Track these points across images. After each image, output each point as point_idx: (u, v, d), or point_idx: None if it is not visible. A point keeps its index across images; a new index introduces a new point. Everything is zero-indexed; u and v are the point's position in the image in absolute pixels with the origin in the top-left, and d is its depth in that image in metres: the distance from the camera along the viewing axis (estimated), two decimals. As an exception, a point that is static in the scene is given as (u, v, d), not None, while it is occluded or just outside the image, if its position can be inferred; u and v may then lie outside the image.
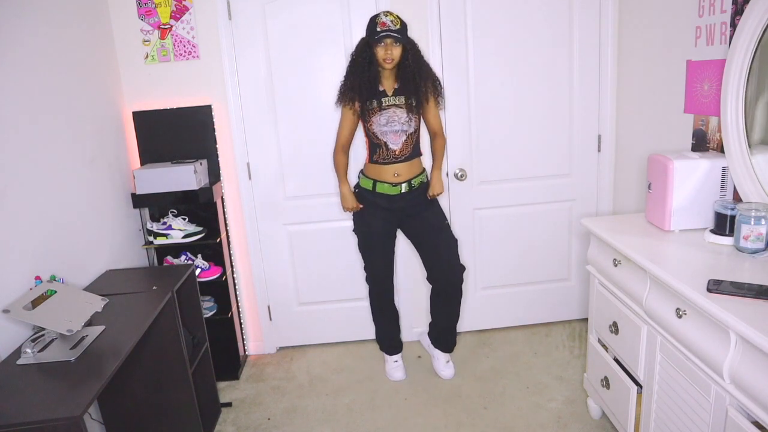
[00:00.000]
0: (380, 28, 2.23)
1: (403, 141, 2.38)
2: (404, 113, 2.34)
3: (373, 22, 2.26)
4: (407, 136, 2.38)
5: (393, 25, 2.22)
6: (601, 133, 2.83)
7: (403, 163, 2.40)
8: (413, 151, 2.42)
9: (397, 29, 2.23)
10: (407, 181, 2.42)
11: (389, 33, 2.21)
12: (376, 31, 2.23)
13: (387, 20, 2.24)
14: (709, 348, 1.38)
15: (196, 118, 2.68)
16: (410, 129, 2.37)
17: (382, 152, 2.38)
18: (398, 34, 2.23)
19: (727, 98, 1.81)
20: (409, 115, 2.36)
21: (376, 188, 2.43)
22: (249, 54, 2.68)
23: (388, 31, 2.21)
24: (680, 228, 1.86)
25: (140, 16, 2.59)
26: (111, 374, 1.43)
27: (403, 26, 2.27)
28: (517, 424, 2.29)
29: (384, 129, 2.35)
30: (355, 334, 3.07)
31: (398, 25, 2.24)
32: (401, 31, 2.24)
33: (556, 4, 2.66)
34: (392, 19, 2.24)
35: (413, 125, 2.38)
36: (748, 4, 1.70)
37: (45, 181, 1.94)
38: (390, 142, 2.37)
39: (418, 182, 2.46)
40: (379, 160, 2.40)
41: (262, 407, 2.55)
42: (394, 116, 2.34)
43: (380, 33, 2.22)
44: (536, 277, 3.03)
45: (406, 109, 2.34)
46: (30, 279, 1.76)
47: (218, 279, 2.70)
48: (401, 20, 2.27)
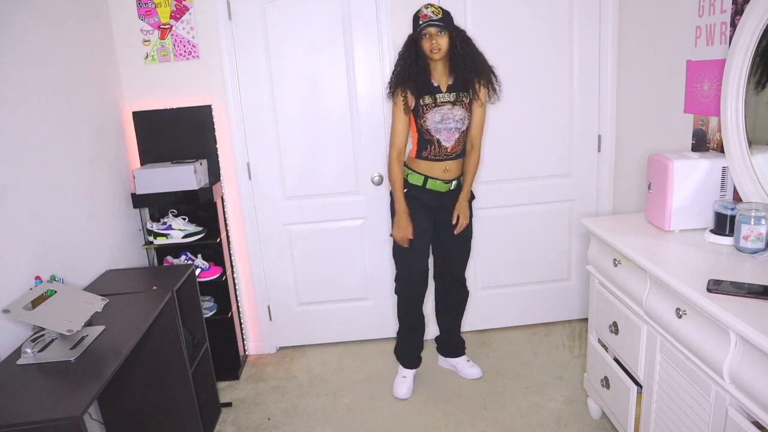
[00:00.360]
0: (422, 21, 2.19)
1: (456, 138, 2.32)
2: (459, 110, 2.29)
3: (416, 17, 2.23)
4: (461, 133, 2.33)
5: (434, 15, 2.18)
6: (601, 133, 2.83)
7: (454, 160, 2.35)
8: (464, 148, 2.39)
9: (438, 18, 2.18)
10: (456, 178, 2.39)
11: (430, 22, 2.17)
12: (419, 25, 2.20)
13: (428, 12, 2.20)
14: (709, 348, 1.38)
15: (196, 118, 2.68)
16: (464, 126, 2.32)
17: (434, 149, 2.32)
18: (440, 22, 2.17)
19: (727, 98, 1.81)
20: (464, 113, 2.31)
21: (427, 184, 2.36)
22: (249, 54, 2.68)
23: (429, 21, 2.17)
24: (680, 228, 1.86)
25: (140, 16, 2.59)
26: (111, 374, 1.43)
27: (446, 15, 2.22)
28: (517, 424, 2.29)
29: (439, 126, 2.29)
30: (355, 334, 3.07)
31: (440, 14, 2.19)
32: (443, 20, 2.19)
33: (555, 4, 2.66)
34: (433, 10, 2.20)
35: (467, 122, 2.33)
36: (748, 4, 1.70)
37: (45, 181, 1.94)
38: (443, 139, 2.31)
39: (461, 181, 2.44)
40: (429, 157, 2.33)
41: (262, 407, 2.55)
42: (449, 114, 2.28)
43: (422, 24, 2.18)
44: (536, 277, 3.03)
45: (461, 107, 2.29)
46: (30, 279, 1.76)
47: (218, 279, 2.70)
48: (443, 10, 2.22)
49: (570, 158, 2.87)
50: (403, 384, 2.57)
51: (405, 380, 2.58)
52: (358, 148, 2.80)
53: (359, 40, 2.68)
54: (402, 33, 2.63)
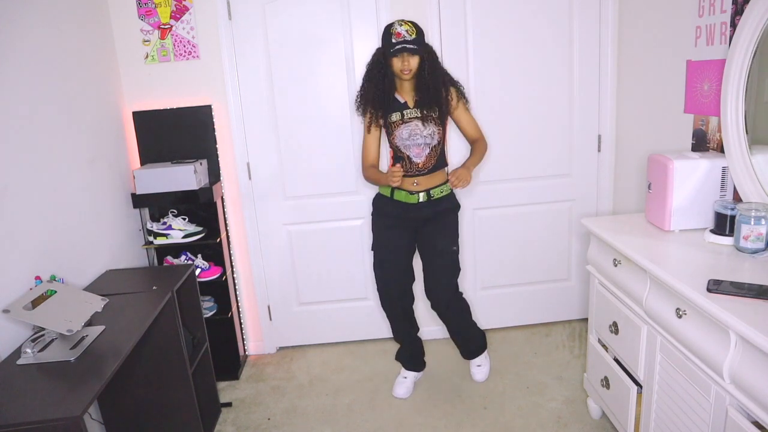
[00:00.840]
0: (395, 39, 2.14)
1: (427, 154, 2.30)
2: (427, 126, 2.26)
3: (388, 32, 2.18)
4: (431, 149, 2.30)
5: (408, 35, 2.14)
6: (601, 133, 2.83)
7: (425, 175, 2.32)
8: (437, 163, 2.33)
9: (413, 39, 2.14)
10: (426, 190, 2.33)
11: (405, 45, 2.13)
12: (391, 42, 2.15)
13: (402, 30, 2.15)
14: (709, 348, 1.38)
15: (196, 118, 2.68)
16: (433, 141, 2.29)
17: (405, 165, 2.30)
18: (414, 45, 2.14)
19: (727, 98, 1.81)
20: (431, 128, 2.27)
21: (394, 195, 2.35)
22: (249, 54, 2.68)
23: (403, 42, 2.13)
24: (680, 228, 1.86)
25: (140, 16, 2.59)
26: (111, 374, 1.43)
27: (420, 35, 2.18)
28: (517, 424, 2.29)
29: (407, 143, 2.28)
30: (355, 334, 3.07)
31: (414, 34, 2.15)
32: (418, 41, 2.15)
33: (556, 4, 2.66)
34: (407, 29, 2.15)
35: (437, 137, 2.29)
36: (748, 4, 1.70)
37: (45, 181, 1.94)
38: (413, 156, 2.29)
39: (438, 193, 2.35)
40: (406, 172, 2.31)
41: (262, 407, 2.55)
42: (417, 129, 2.26)
43: (396, 45, 2.14)
44: (536, 277, 3.03)
45: (428, 122, 2.26)
46: (30, 279, 1.76)
47: (218, 279, 2.70)
48: (417, 28, 2.18)
49: (570, 158, 2.87)
50: (403, 384, 2.56)
51: (405, 381, 2.58)
52: (358, 148, 2.80)
53: (359, 39, 2.68)
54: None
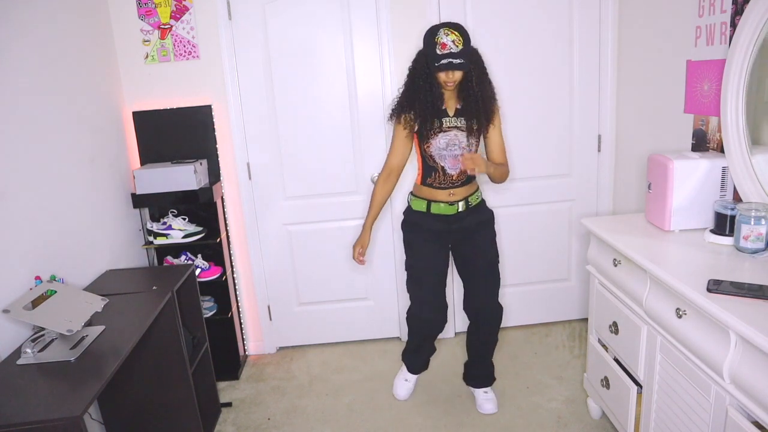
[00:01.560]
0: (440, 51, 1.95)
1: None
2: (466, 137, 2.12)
3: (433, 40, 1.98)
4: None
5: (455, 45, 1.95)
6: (601, 133, 2.83)
7: (460, 187, 2.18)
8: (470, 176, 2.18)
9: (459, 51, 1.95)
10: (464, 198, 2.19)
11: (451, 62, 1.95)
12: (436, 54, 1.97)
13: (448, 41, 1.95)
14: (709, 348, 1.38)
15: (196, 118, 2.68)
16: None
17: (438, 176, 2.15)
18: (461, 59, 1.95)
19: (727, 98, 1.81)
20: (470, 139, 2.13)
21: (431, 209, 2.19)
22: (249, 54, 2.68)
23: (449, 57, 1.95)
24: (680, 228, 1.86)
25: (140, 16, 2.59)
26: (111, 374, 1.43)
27: (467, 43, 1.98)
28: (517, 424, 2.29)
29: (443, 153, 2.12)
30: (355, 334, 3.07)
31: (461, 44, 1.96)
32: (464, 53, 1.96)
33: (556, 4, 2.66)
34: (454, 39, 1.95)
35: (473, 149, 2.16)
36: (748, 4, 1.70)
37: (45, 181, 1.94)
38: (448, 167, 2.14)
39: (475, 200, 2.22)
40: (434, 184, 2.17)
41: (262, 407, 2.55)
42: (455, 139, 2.11)
43: (441, 60, 1.96)
44: (536, 277, 3.03)
45: (467, 132, 2.11)
46: (30, 279, 1.76)
47: (218, 279, 2.70)
48: (463, 36, 1.98)
49: (570, 158, 2.87)
50: (404, 386, 2.54)
51: (406, 383, 2.54)
52: (358, 148, 2.80)
53: (359, 39, 2.68)
54: (402, 33, 2.64)
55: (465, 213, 2.21)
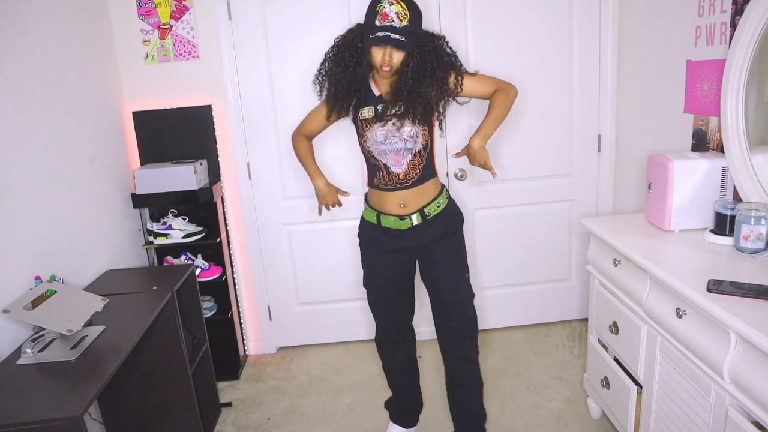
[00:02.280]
0: (380, 23, 1.64)
1: (408, 161, 1.80)
2: (408, 126, 1.76)
3: (373, 9, 1.67)
4: (413, 155, 1.80)
5: (399, 19, 1.63)
6: (601, 133, 2.83)
7: (410, 189, 1.82)
8: (424, 173, 1.83)
9: (402, 27, 1.64)
10: (419, 210, 1.84)
11: (389, 35, 1.63)
12: (374, 25, 1.65)
13: (391, 12, 1.63)
14: (709, 348, 1.38)
15: (196, 118, 2.68)
16: (416, 146, 1.79)
17: (383, 176, 1.84)
18: (403, 36, 1.64)
19: (727, 98, 1.81)
20: (415, 128, 1.76)
21: (381, 221, 1.88)
22: (249, 54, 2.68)
23: (388, 30, 1.63)
24: (680, 228, 1.86)
25: (140, 16, 2.59)
26: (111, 374, 1.43)
27: (415, 21, 1.67)
28: (517, 424, 2.29)
29: (382, 147, 1.79)
30: (355, 334, 3.07)
31: (406, 20, 1.64)
32: (408, 29, 1.65)
33: (556, 4, 2.66)
34: (398, 11, 1.63)
35: (420, 141, 1.79)
36: (748, 4, 1.70)
37: (45, 181, 1.94)
38: (391, 164, 1.81)
39: (434, 209, 1.86)
40: (380, 185, 1.86)
41: (262, 407, 2.55)
42: (394, 131, 1.77)
43: (378, 32, 1.65)
44: (536, 277, 3.03)
45: (410, 121, 1.75)
46: (30, 279, 1.76)
47: (218, 279, 2.70)
48: (412, 11, 1.67)
49: (570, 158, 2.87)
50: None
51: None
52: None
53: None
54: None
55: (421, 227, 1.85)
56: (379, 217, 1.89)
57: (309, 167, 2.07)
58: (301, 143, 2.07)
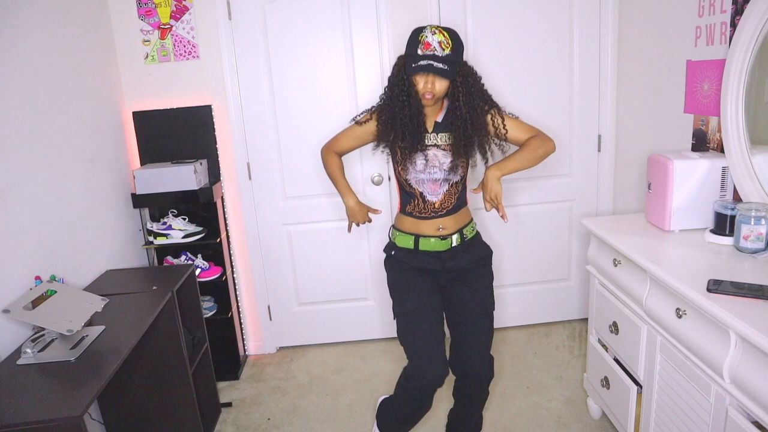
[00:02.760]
0: (422, 51, 1.63)
1: (445, 192, 1.79)
2: (449, 157, 1.75)
3: (416, 39, 1.66)
4: (450, 185, 1.79)
5: (441, 48, 1.62)
6: (601, 133, 2.83)
7: (445, 217, 1.82)
8: (458, 203, 1.83)
9: (444, 56, 1.62)
10: (458, 231, 1.84)
11: (431, 63, 1.62)
12: (416, 54, 1.64)
13: (434, 41, 1.63)
14: (709, 348, 1.38)
15: (196, 118, 2.68)
16: (455, 177, 1.78)
17: (418, 204, 1.82)
18: (445, 65, 1.63)
19: (727, 98, 1.81)
20: (455, 160, 1.75)
21: (419, 245, 1.83)
22: (249, 54, 2.68)
23: (430, 59, 1.62)
24: (680, 228, 1.86)
25: (140, 16, 2.59)
26: (111, 374, 1.43)
27: (457, 50, 1.66)
28: (517, 424, 2.29)
29: (421, 177, 1.77)
30: (355, 334, 3.07)
31: (448, 49, 1.63)
32: (450, 59, 1.63)
33: (556, 4, 2.66)
34: (441, 40, 1.63)
35: (460, 172, 1.78)
36: (748, 4, 1.70)
37: (45, 181, 1.94)
38: (427, 193, 1.80)
39: (470, 232, 1.88)
40: (414, 213, 1.83)
41: (262, 407, 2.55)
42: (435, 160, 1.75)
43: (420, 60, 1.64)
44: (536, 277, 3.03)
45: (451, 152, 1.75)
46: (30, 279, 1.76)
47: (218, 279, 2.70)
48: (454, 40, 1.65)
49: (570, 158, 2.87)
50: None
51: None
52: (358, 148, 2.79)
53: (359, 39, 2.68)
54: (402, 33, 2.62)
55: (461, 248, 1.85)
56: (417, 240, 1.84)
57: (339, 184, 1.99)
58: (331, 159, 1.98)
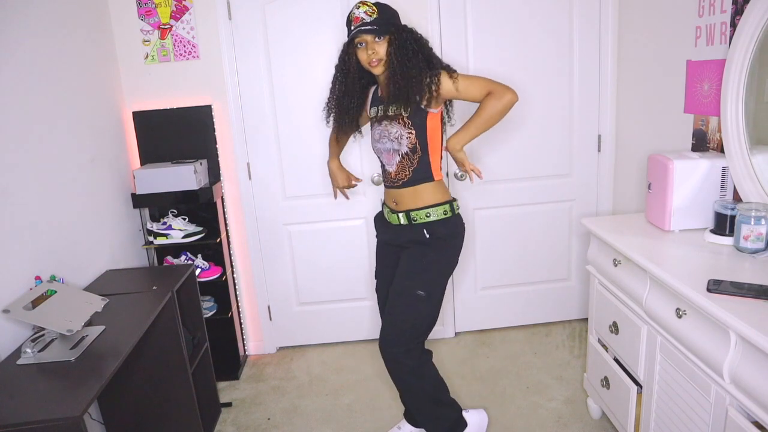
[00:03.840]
0: (353, 25, 1.76)
1: (398, 162, 1.85)
2: (396, 127, 1.80)
3: (348, 21, 1.80)
4: (401, 156, 1.84)
5: (368, 16, 1.73)
6: (601, 133, 2.83)
7: (401, 189, 1.88)
8: (414, 176, 1.85)
9: (372, 20, 1.73)
10: (406, 212, 1.89)
11: (362, 27, 1.72)
12: (350, 30, 1.78)
13: (360, 13, 1.75)
14: (709, 348, 1.38)
15: (196, 118, 2.68)
16: (402, 148, 1.82)
17: (384, 172, 1.96)
18: (373, 25, 1.73)
19: (727, 98, 1.81)
20: (401, 130, 1.79)
21: (383, 211, 2.04)
22: (249, 54, 2.68)
23: (360, 25, 1.73)
24: (680, 228, 1.86)
25: (140, 16, 2.59)
26: (111, 374, 1.43)
27: (383, 13, 1.75)
28: (517, 424, 2.29)
29: (377, 146, 1.90)
30: (355, 334, 3.07)
31: (375, 14, 1.74)
32: (378, 21, 1.73)
33: (556, 4, 2.66)
34: (366, 10, 1.75)
35: (405, 144, 1.80)
36: (748, 4, 1.70)
37: (45, 181, 1.94)
38: (385, 163, 1.91)
39: (422, 218, 1.86)
40: (383, 181, 2.00)
41: (262, 407, 2.55)
42: (385, 131, 1.83)
43: (353, 31, 1.75)
44: (536, 277, 3.03)
45: (398, 122, 1.80)
46: (30, 279, 1.76)
47: (218, 279, 2.70)
48: (380, 7, 1.76)
49: (570, 158, 2.87)
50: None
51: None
52: (358, 148, 2.80)
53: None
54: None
55: (406, 228, 1.89)
56: (383, 206, 2.04)
57: (330, 147, 2.13)
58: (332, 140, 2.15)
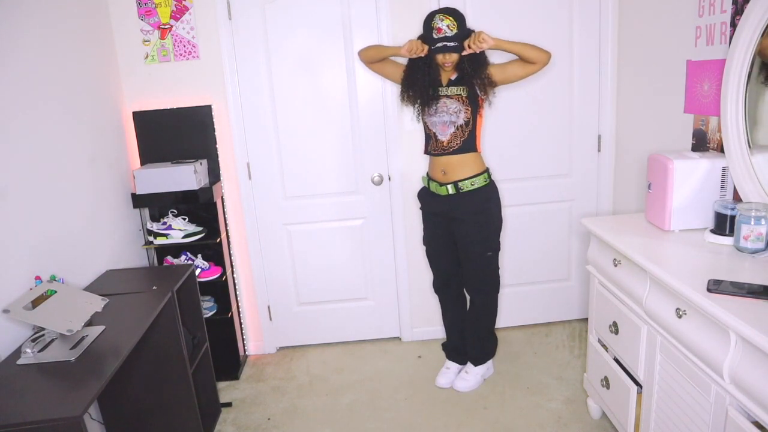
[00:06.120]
0: (436, 35, 2.18)
1: (452, 132, 2.30)
2: (455, 103, 2.27)
3: (429, 26, 2.20)
4: (456, 128, 2.29)
5: (450, 30, 2.16)
6: (601, 133, 2.83)
7: (451, 155, 2.30)
8: (464, 145, 2.30)
9: (454, 34, 2.16)
10: (454, 182, 2.32)
11: (446, 44, 2.17)
12: (432, 38, 2.19)
13: (443, 26, 2.17)
14: (709, 348, 1.38)
15: (196, 118, 2.68)
16: (459, 120, 2.28)
17: (432, 143, 2.35)
18: (456, 41, 2.17)
19: (727, 98, 1.81)
20: (459, 106, 2.27)
21: (430, 186, 2.41)
22: (249, 54, 2.68)
23: (444, 40, 2.16)
24: (680, 228, 1.86)
25: (140, 16, 2.59)
26: (111, 374, 1.43)
27: (461, 27, 2.19)
28: (517, 424, 2.29)
29: (434, 119, 2.31)
30: (355, 334, 3.07)
31: (455, 29, 2.17)
32: (458, 35, 2.17)
33: (556, 4, 2.66)
34: (449, 24, 2.16)
35: (463, 117, 2.28)
36: (748, 4, 1.70)
37: (45, 181, 1.94)
38: (438, 133, 2.32)
39: (468, 186, 2.32)
40: (430, 151, 2.37)
41: (262, 407, 2.55)
42: (444, 107, 2.29)
43: (437, 44, 2.18)
44: (536, 277, 3.03)
45: (457, 100, 2.28)
46: (30, 279, 1.76)
47: (218, 279, 2.70)
48: (458, 20, 2.18)
49: (570, 158, 2.87)
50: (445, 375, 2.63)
51: (447, 372, 2.64)
52: (358, 148, 2.80)
53: (359, 40, 2.68)
54: (402, 33, 2.64)
55: (454, 197, 2.33)
56: (429, 182, 2.42)
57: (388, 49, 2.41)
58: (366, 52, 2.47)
